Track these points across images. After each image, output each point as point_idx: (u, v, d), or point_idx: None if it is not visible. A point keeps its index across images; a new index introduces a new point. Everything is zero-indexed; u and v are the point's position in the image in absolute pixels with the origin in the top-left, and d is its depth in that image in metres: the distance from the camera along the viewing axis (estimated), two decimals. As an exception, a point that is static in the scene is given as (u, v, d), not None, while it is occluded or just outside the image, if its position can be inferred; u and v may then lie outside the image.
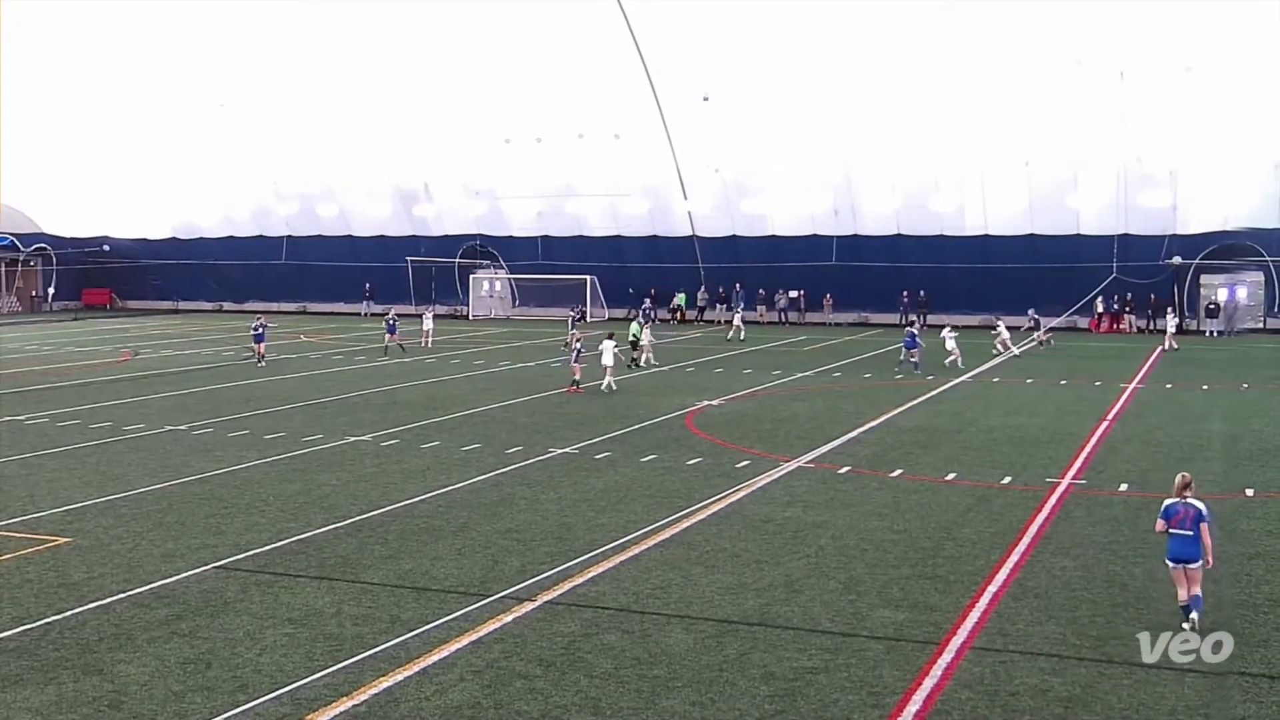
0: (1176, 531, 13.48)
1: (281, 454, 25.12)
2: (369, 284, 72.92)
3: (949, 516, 19.29)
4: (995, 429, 28.30)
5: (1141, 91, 51.56)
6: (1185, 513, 13.49)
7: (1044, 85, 52.46)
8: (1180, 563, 13.47)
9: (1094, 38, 50.86)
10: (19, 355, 48.26)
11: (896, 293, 61.20)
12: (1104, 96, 52.06)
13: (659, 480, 22.18)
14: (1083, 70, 51.27)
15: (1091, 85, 51.92)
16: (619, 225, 67.33)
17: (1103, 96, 52.12)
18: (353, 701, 11.71)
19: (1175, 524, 13.49)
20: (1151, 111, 52.42)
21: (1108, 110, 52.56)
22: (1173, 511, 13.57)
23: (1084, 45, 50.89)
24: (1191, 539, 13.39)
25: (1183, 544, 13.44)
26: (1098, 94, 52.12)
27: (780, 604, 14.73)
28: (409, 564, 16.59)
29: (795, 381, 38.04)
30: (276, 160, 68.81)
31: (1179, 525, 13.47)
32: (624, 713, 11.47)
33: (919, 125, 55.48)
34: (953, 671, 12.45)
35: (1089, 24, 50.42)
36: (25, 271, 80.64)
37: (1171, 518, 13.55)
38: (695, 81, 56.78)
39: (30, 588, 15.56)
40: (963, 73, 52.88)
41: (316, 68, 61.48)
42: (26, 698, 11.87)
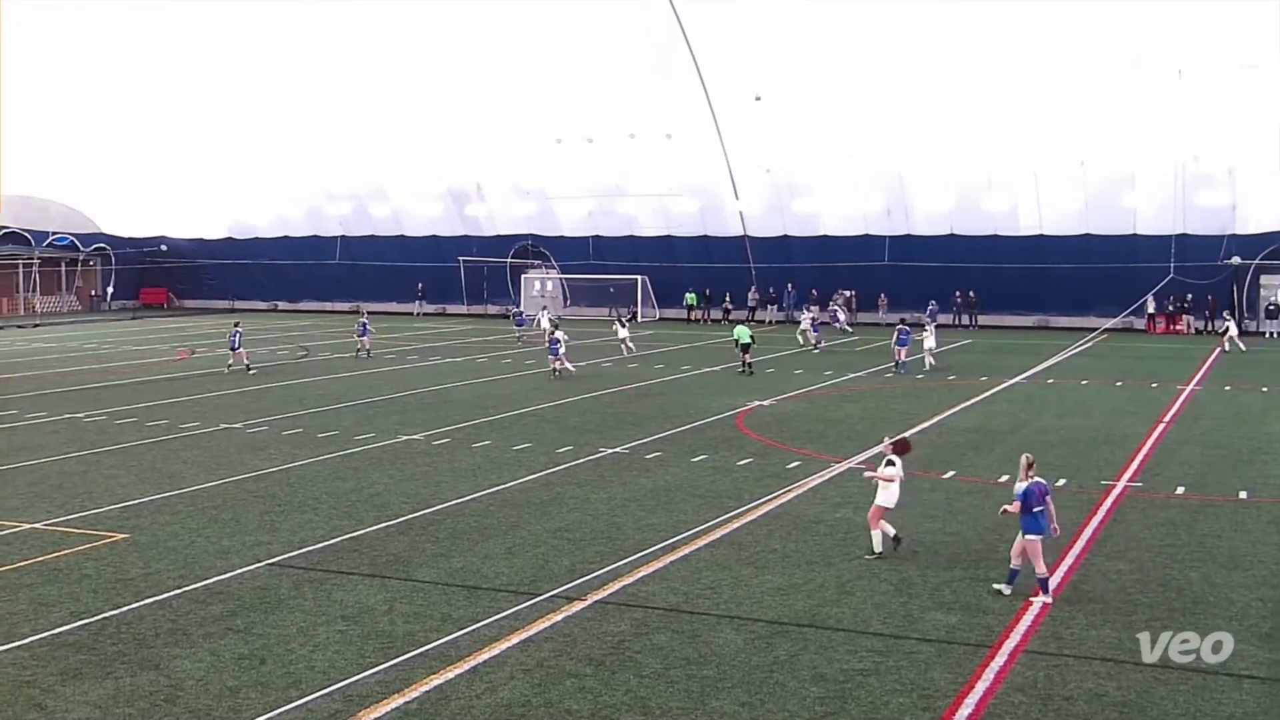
0: (1039, 509, 14.75)
1: (334, 452, 25.33)
2: (420, 283, 73.36)
3: (1002, 519, 19.08)
4: (1050, 430, 28.02)
5: (1199, 89, 50.84)
6: (1040, 492, 14.85)
7: (1100, 84, 51.85)
8: (1041, 536, 14.74)
9: (1151, 36, 50.20)
10: (78, 353, 48.96)
11: (949, 293, 60.74)
12: (1161, 95, 51.36)
13: (709, 480, 22.15)
14: (1140, 69, 50.62)
15: (1149, 84, 51.24)
16: (670, 225, 67.27)
17: (1160, 95, 51.43)
18: (404, 699, 11.78)
19: (1036, 503, 14.73)
20: (1210, 110, 51.68)
21: (1165, 109, 51.86)
22: (1032, 493, 14.77)
23: (1141, 44, 50.25)
24: (1044, 513, 14.82)
25: (1043, 519, 14.80)
26: (1155, 92, 51.44)
27: (831, 605, 14.67)
28: (460, 562, 16.68)
29: (847, 382, 37.86)
30: (330, 161, 69.30)
31: (1039, 504, 14.76)
32: (673, 713, 11.47)
33: (972, 124, 54.98)
34: (1005, 675, 12.35)
35: (1146, 22, 49.77)
36: (85, 271, 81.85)
37: (1032, 498, 14.73)
38: (747, 81, 56.59)
39: (88, 583, 15.79)
40: (1017, 71, 52.34)
41: (370, 69, 61.85)
42: (85, 691, 12.05)
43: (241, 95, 65.30)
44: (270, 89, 64.38)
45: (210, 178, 72.60)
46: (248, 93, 65.07)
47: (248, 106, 65.91)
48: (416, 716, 11.41)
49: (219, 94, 65.55)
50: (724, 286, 66.67)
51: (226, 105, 66.15)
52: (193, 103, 66.33)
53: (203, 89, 65.35)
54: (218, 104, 66.17)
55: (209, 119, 67.26)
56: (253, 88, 64.63)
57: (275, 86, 64.14)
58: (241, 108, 66.13)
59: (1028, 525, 14.81)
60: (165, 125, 67.78)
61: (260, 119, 66.49)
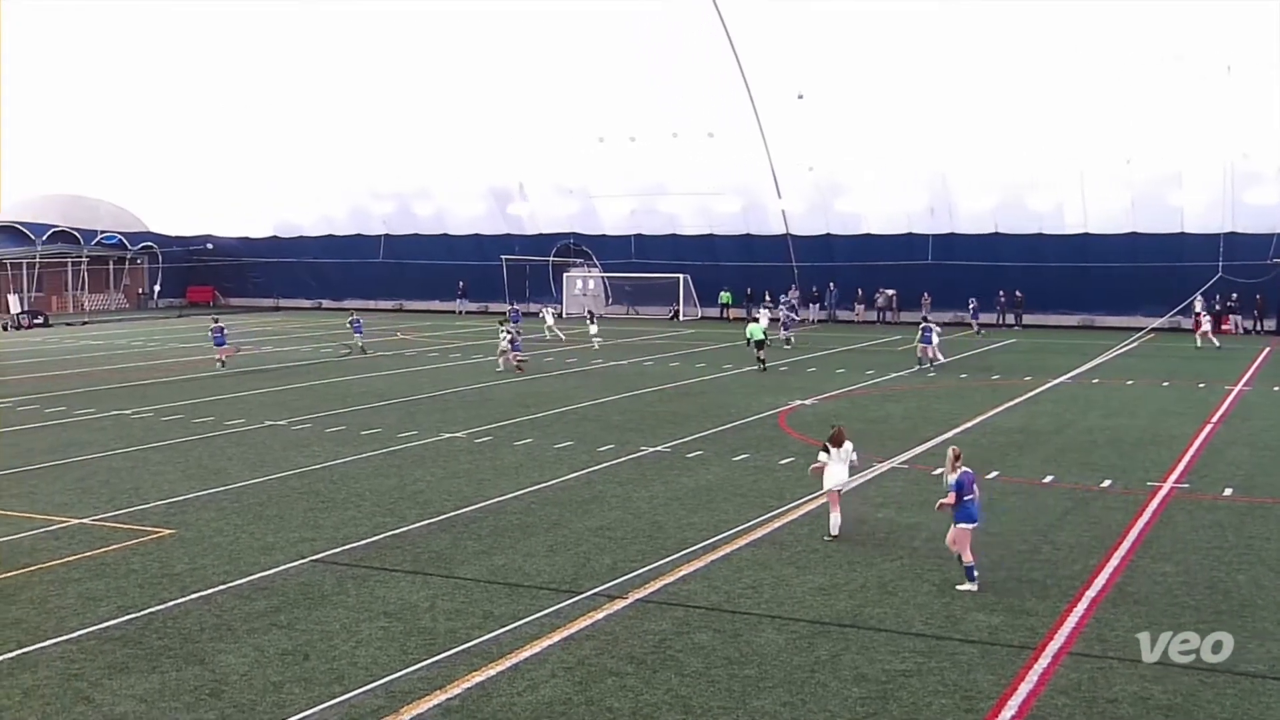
0: (970, 498, 15.12)
1: (377, 450, 25.48)
2: (462, 282, 73.63)
3: (1046, 519, 18.98)
4: (1095, 430, 27.77)
5: (1248, 86, 50.22)
6: (969, 481, 15.19)
7: (1147, 81, 51.31)
8: (973, 524, 15.18)
9: (1200, 32, 49.63)
10: (126, 351, 49.50)
11: (993, 292, 60.31)
12: (1210, 92, 50.77)
13: (751, 480, 22.12)
14: (1186, 66, 50.02)
15: (1196, 80, 50.66)
16: (712, 224, 67.19)
17: (1208, 92, 50.83)
18: (446, 695, 11.84)
19: (966, 493, 15.09)
20: (1259, 107, 51.03)
21: (1214, 106, 51.26)
22: (963, 483, 15.10)
23: (1190, 40, 49.66)
24: (974, 502, 15.25)
25: (974, 508, 15.26)
26: (1203, 89, 50.84)
27: (873, 605, 14.61)
28: (502, 560, 16.73)
29: (889, 381, 37.68)
30: (375, 160, 69.72)
31: (969, 493, 15.12)
32: (714, 712, 11.46)
33: (1016, 122, 54.55)
34: (1049, 677, 12.26)
35: (1194, 19, 49.20)
36: (132, 269, 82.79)
37: (964, 489, 15.08)
38: (790, 79, 56.42)
39: (135, 578, 15.97)
40: (1062, 69, 51.92)
41: (415, 69, 62.15)
42: (131, 685, 12.18)
43: (287, 96, 65.79)
44: (316, 89, 64.84)
45: (256, 177, 73.22)
46: (294, 94, 65.56)
47: (293, 107, 66.41)
48: (458, 713, 11.46)
49: (265, 95, 66.08)
50: (766, 285, 66.48)
51: (272, 106, 66.68)
52: (239, 104, 66.91)
53: (249, 90, 65.90)
54: (264, 105, 66.72)
55: (255, 120, 67.83)
56: (299, 88, 65.11)
57: (321, 87, 64.60)
58: (287, 108, 66.65)
59: (960, 515, 15.17)
60: (212, 126, 68.42)
61: (306, 119, 66.99)
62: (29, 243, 73.86)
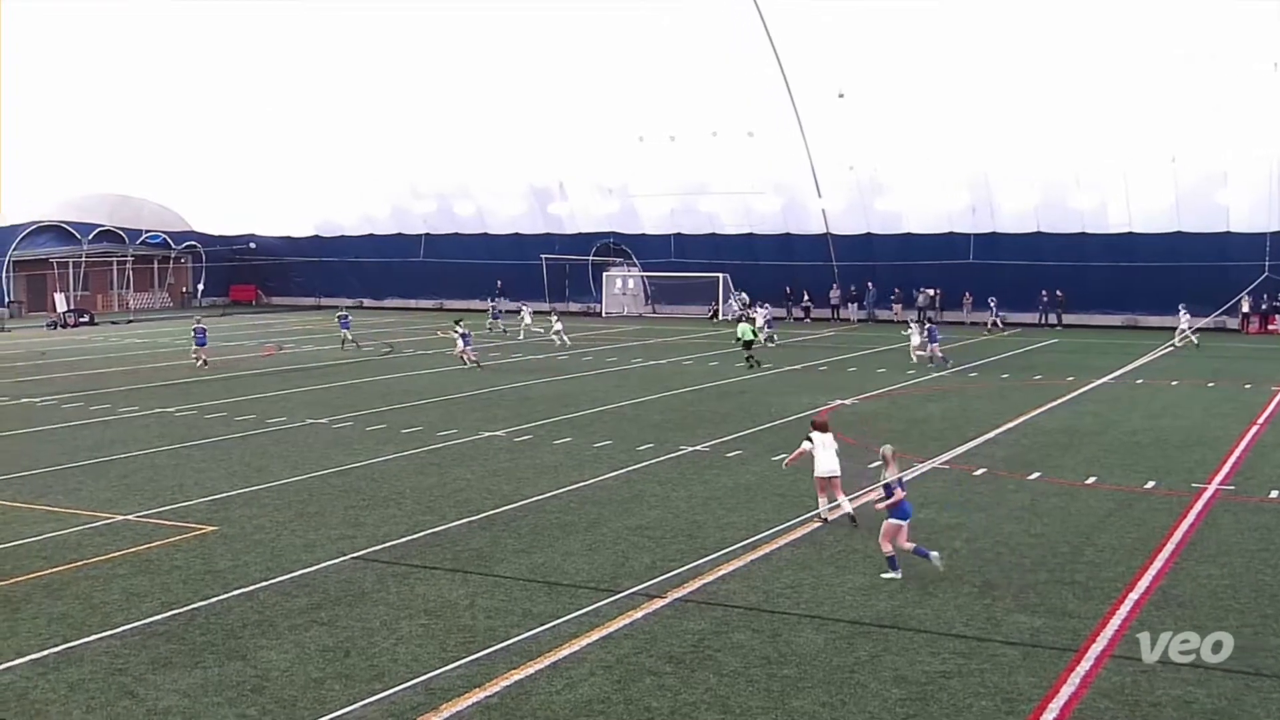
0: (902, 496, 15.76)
1: (418, 448, 25.60)
2: (499, 281, 73.77)
3: (1089, 521, 18.82)
4: (1139, 431, 27.50)
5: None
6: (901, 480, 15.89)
7: (1191, 78, 50.75)
8: (906, 520, 15.73)
9: (1246, 30, 49.03)
10: (170, 349, 49.96)
11: (1035, 291, 59.89)
12: (1255, 89, 50.17)
13: (790, 479, 22.02)
14: (1231, 63, 49.42)
15: (1242, 78, 50.06)
16: (751, 223, 67.05)
17: (1254, 89, 50.23)
18: (485, 693, 11.87)
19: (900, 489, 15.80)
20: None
21: (1259, 103, 50.65)
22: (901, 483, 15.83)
23: (1235, 38, 49.08)
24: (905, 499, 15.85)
25: (906, 504, 15.84)
26: (1249, 87, 50.24)
27: (913, 606, 14.53)
28: (541, 558, 16.77)
29: (930, 381, 37.47)
30: (415, 160, 70.03)
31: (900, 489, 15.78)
32: (753, 712, 11.43)
33: (1059, 120, 54.11)
34: (1091, 680, 12.15)
35: (1241, 15, 48.61)
36: (176, 268, 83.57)
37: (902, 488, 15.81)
38: (830, 78, 56.21)
39: (179, 574, 16.12)
40: (1104, 67, 51.43)
41: (456, 69, 62.36)
42: (175, 680, 12.30)
43: (330, 97, 66.20)
44: (359, 90, 65.20)
45: (298, 177, 73.70)
46: (337, 94, 65.95)
47: (336, 107, 66.81)
48: (497, 711, 11.50)
49: (308, 96, 66.50)
50: (805, 285, 66.31)
51: (315, 106, 67.11)
52: (282, 105, 67.37)
53: (293, 91, 66.32)
54: (307, 105, 67.16)
55: (298, 120, 68.29)
56: (342, 89, 65.48)
57: (364, 87, 64.94)
58: (330, 109, 67.06)
59: (895, 512, 15.72)
60: (255, 127, 68.92)
61: (348, 119, 67.39)
62: (75, 242, 74.72)
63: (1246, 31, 49.19)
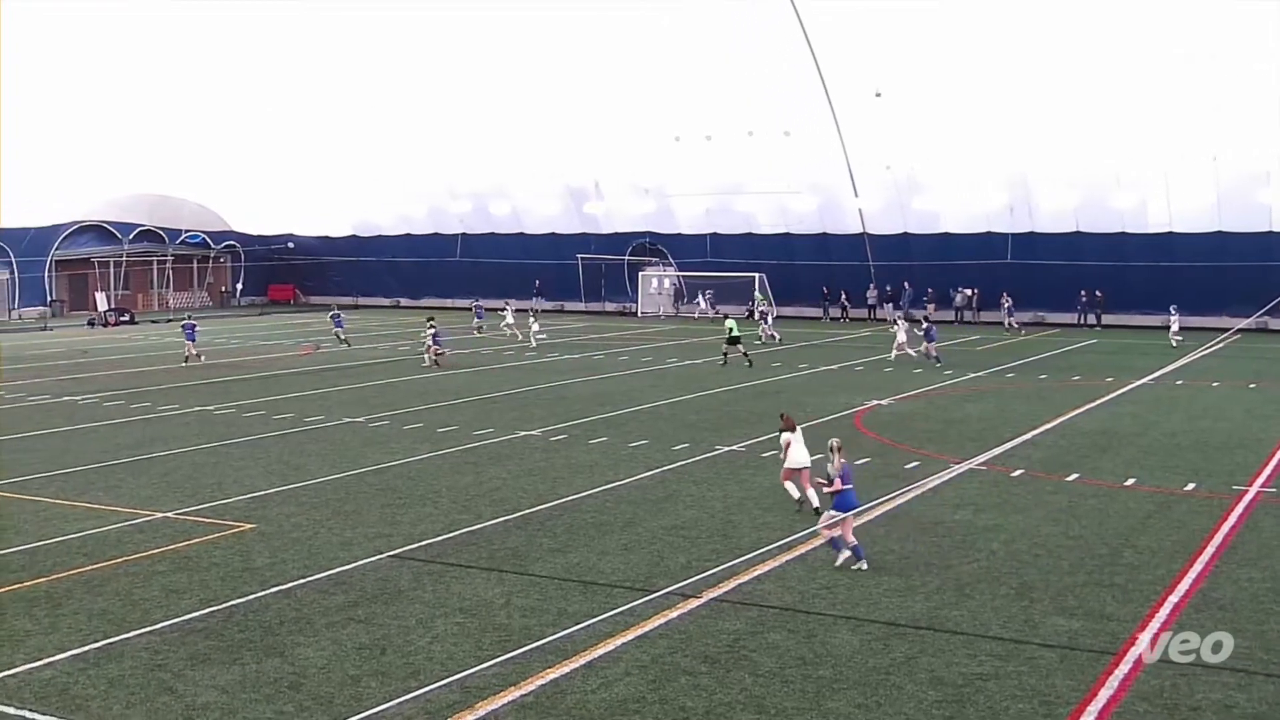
0: (847, 487, 16.09)
1: (453, 447, 25.69)
2: (538, 280, 74.00)
3: (1128, 523, 18.67)
4: (1178, 433, 27.25)
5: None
6: (847, 471, 16.25)
7: (1232, 77, 50.21)
8: (851, 510, 16.10)
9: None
10: (209, 348, 50.34)
11: (1073, 292, 59.44)
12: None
13: (826, 480, 21.97)
14: (1274, 62, 48.82)
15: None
16: (788, 223, 66.88)
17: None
18: (520, 692, 11.90)
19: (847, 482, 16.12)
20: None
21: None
22: (847, 472, 16.24)
23: (1275, 36, 48.49)
24: (852, 491, 16.21)
25: (853, 495, 16.24)
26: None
27: (949, 608, 14.46)
28: (576, 558, 16.79)
29: (967, 381, 37.27)
30: (452, 160, 70.25)
31: (847, 481, 16.13)
32: (788, 712, 11.41)
33: (1099, 120, 53.67)
34: (1130, 683, 12.05)
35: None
36: (215, 268, 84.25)
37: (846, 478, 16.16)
38: (867, 77, 55.98)
39: (217, 571, 16.25)
40: (1145, 65, 50.94)
41: (493, 69, 62.53)
42: (213, 676, 12.40)
43: (366, 97, 66.49)
44: (395, 90, 65.43)
45: (336, 177, 74.12)
46: (373, 94, 66.23)
47: (374, 108, 67.09)
48: (533, 709, 11.52)
49: (345, 96, 66.83)
50: (842, 284, 66.07)
51: (353, 107, 67.43)
52: (321, 105, 67.75)
53: (329, 91, 66.68)
54: (345, 106, 67.49)
55: (335, 120, 68.65)
56: (378, 89, 65.76)
57: (400, 87, 65.16)
58: (368, 109, 67.35)
59: (839, 503, 16.15)
60: (293, 127, 69.34)
61: (384, 120, 67.65)
62: (116, 242, 75.46)
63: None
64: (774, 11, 54.90)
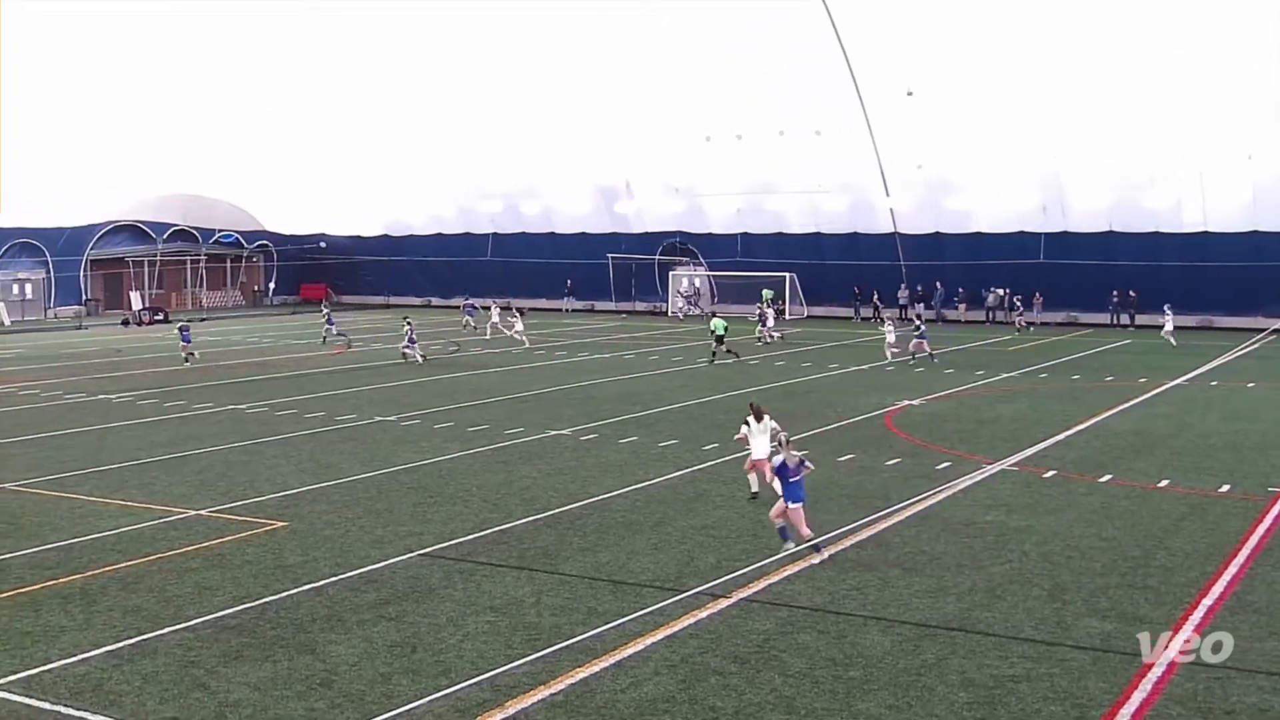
0: (795, 480, 16.30)
1: (484, 446, 25.75)
2: (569, 280, 74.10)
3: (1161, 525, 18.54)
4: (1213, 434, 27.03)
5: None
6: (795, 464, 16.43)
7: (1267, 74, 49.74)
8: (800, 503, 16.27)
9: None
10: (242, 347, 50.69)
11: (1107, 292, 59.04)
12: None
13: (856, 480, 21.94)
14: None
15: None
16: (819, 222, 66.71)
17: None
18: (550, 690, 11.92)
19: (793, 474, 16.31)
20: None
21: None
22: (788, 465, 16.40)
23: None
24: (800, 483, 16.37)
25: (801, 487, 16.38)
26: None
27: (981, 609, 14.39)
28: (606, 557, 16.81)
29: (999, 382, 37.09)
30: (483, 160, 70.40)
31: (796, 474, 16.32)
32: (818, 713, 11.39)
33: (1133, 118, 53.28)
34: (1163, 686, 11.96)
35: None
36: (248, 267, 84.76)
37: (788, 470, 16.36)
38: (898, 76, 55.78)
39: (250, 568, 16.35)
40: (1179, 63, 50.53)
41: (524, 70, 62.67)
42: (245, 673, 12.47)
43: (397, 98, 66.75)
44: (426, 91, 65.67)
45: (368, 177, 74.44)
46: (403, 95, 66.49)
47: (403, 108, 67.35)
48: (562, 708, 11.54)
49: (376, 97, 67.13)
50: (873, 284, 65.82)
51: (383, 107, 67.70)
52: (351, 105, 68.08)
53: (361, 92, 67.00)
54: (375, 107, 67.78)
55: (367, 121, 68.96)
56: (409, 90, 66.01)
57: (431, 88, 65.40)
58: (397, 109, 67.61)
59: (790, 494, 16.37)
60: (326, 127, 69.72)
61: (415, 120, 67.90)
62: (150, 241, 76.04)
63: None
64: (805, 10, 54.78)
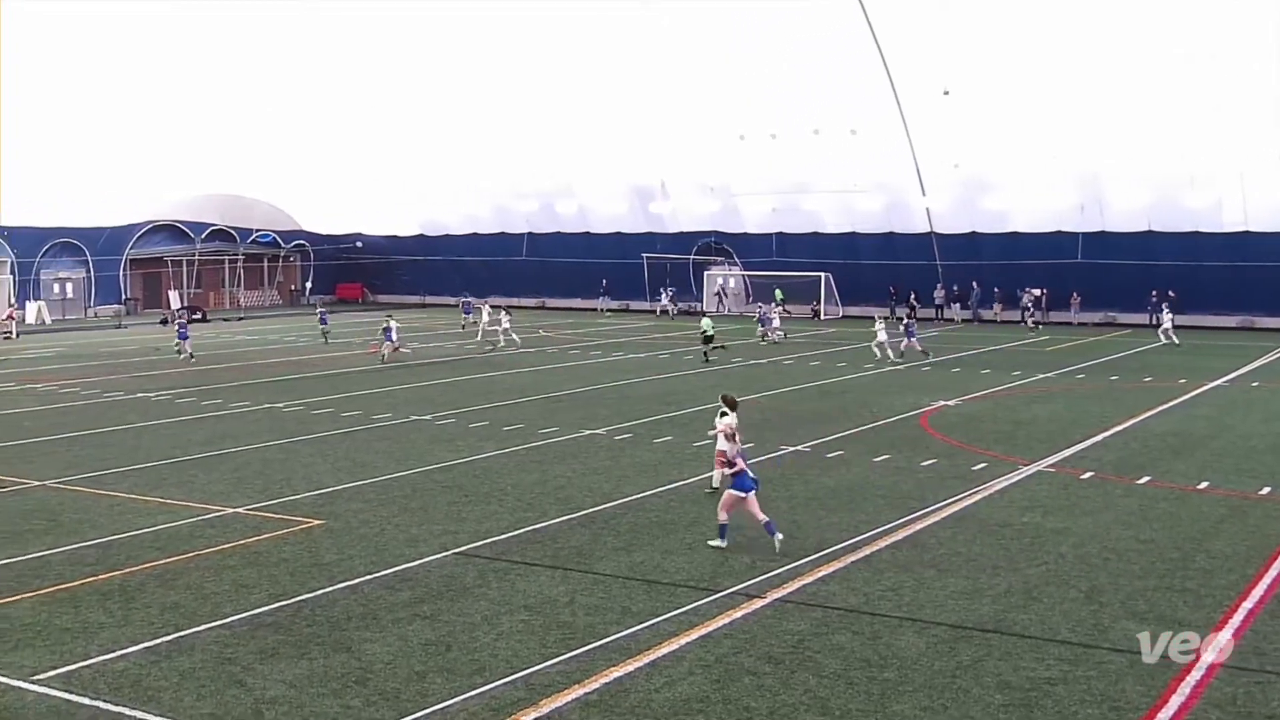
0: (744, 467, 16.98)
1: (519, 445, 25.81)
2: (605, 279, 74.20)
3: (1200, 527, 18.36)
4: (1254, 435, 26.75)
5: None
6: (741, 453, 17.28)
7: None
8: (751, 491, 16.79)
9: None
10: (279, 346, 51.00)
11: (1145, 292, 58.56)
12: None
13: (892, 481, 21.84)
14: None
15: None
16: (854, 222, 66.52)
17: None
18: (584, 689, 11.92)
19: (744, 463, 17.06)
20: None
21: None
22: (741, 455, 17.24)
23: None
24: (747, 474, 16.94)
25: (746, 477, 16.88)
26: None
27: (1017, 611, 14.30)
28: (640, 557, 16.80)
29: (1036, 382, 36.85)
30: (518, 160, 70.63)
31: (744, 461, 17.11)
32: (853, 714, 11.34)
33: (1172, 117, 52.81)
34: (1202, 690, 11.84)
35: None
36: (285, 266, 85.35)
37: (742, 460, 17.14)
38: (935, 75, 55.52)
39: (286, 566, 16.44)
40: (1219, 62, 50.05)
41: (560, 70, 62.79)
42: (281, 670, 12.55)
43: (434, 98, 67.00)
44: (461, 91, 65.90)
45: (404, 177, 74.81)
46: (440, 95, 66.72)
47: (440, 108, 67.60)
48: (596, 707, 11.55)
49: (413, 97, 67.39)
50: (909, 284, 65.56)
51: (420, 107, 67.98)
52: (388, 106, 68.39)
53: (398, 93, 67.29)
54: (412, 106, 68.06)
55: (403, 122, 69.27)
56: (445, 90, 66.24)
57: (466, 89, 65.64)
58: (434, 110, 67.87)
59: (740, 484, 16.88)
60: (362, 128, 70.10)
61: (452, 120, 68.15)
62: (189, 241, 76.70)
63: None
64: (840, 9, 54.60)
